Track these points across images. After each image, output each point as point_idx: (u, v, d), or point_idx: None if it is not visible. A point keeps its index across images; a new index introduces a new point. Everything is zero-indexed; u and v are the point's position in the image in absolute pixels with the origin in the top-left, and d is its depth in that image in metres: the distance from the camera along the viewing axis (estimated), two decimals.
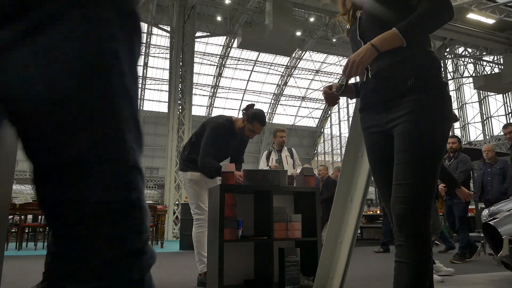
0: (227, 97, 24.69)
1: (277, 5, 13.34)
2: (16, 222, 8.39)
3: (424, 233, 1.27)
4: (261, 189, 2.81)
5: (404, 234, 1.28)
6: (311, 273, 2.80)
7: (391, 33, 1.29)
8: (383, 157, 1.44)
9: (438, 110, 1.32)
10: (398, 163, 1.32)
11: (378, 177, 1.48)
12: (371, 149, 1.51)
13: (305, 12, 15.79)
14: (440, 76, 1.39)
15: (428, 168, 1.29)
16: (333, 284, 2.25)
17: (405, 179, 1.29)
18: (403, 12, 1.35)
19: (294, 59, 22.50)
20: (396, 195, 1.31)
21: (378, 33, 1.36)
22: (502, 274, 3.54)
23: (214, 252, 2.64)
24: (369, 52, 1.31)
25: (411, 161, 1.29)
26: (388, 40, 1.30)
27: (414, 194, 1.27)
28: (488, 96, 20.64)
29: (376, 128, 1.44)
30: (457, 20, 14.84)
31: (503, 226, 2.94)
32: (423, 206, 1.27)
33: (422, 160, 1.29)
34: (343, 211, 2.32)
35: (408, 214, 1.27)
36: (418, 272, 1.27)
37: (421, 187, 1.28)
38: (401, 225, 1.29)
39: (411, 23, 1.29)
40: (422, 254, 1.27)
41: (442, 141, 1.33)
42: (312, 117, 26.76)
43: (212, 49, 21.49)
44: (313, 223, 2.92)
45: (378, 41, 1.31)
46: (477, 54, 18.11)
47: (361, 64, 1.32)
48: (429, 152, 1.29)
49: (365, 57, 1.31)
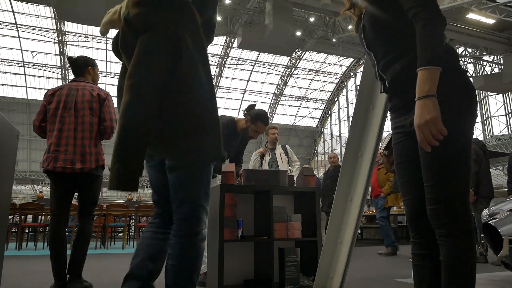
0: (227, 97, 24.68)
1: (277, 5, 13.34)
2: (16, 222, 8.39)
3: (460, 229, 1.26)
4: (261, 189, 2.81)
5: (441, 232, 1.29)
6: (311, 273, 2.80)
7: (429, 73, 1.22)
8: (407, 157, 1.45)
9: (453, 105, 1.29)
10: (423, 164, 1.33)
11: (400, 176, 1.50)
12: (397, 148, 1.52)
13: (305, 12, 15.79)
14: (455, 66, 1.36)
15: (451, 165, 1.28)
16: (333, 284, 2.25)
17: (430, 180, 1.30)
18: (403, 21, 1.36)
19: (294, 59, 22.50)
20: (427, 197, 1.32)
21: (383, 45, 1.43)
22: (502, 274, 3.54)
23: (214, 252, 2.64)
24: (428, 104, 1.22)
25: (433, 162, 1.30)
26: (433, 79, 1.23)
27: (440, 193, 1.28)
28: (488, 96, 20.64)
29: (403, 129, 1.46)
30: (457, 20, 14.84)
31: (503, 226, 2.94)
32: (452, 203, 1.27)
33: (442, 159, 1.28)
34: (343, 211, 2.33)
35: (439, 213, 1.28)
36: (455, 268, 1.26)
37: (448, 186, 1.28)
38: (435, 225, 1.30)
39: (426, 50, 1.25)
40: (459, 250, 1.26)
41: (462, 136, 1.30)
42: (312, 117, 26.76)
43: (212, 49, 21.49)
44: (313, 223, 2.92)
45: (424, 88, 1.22)
46: (477, 54, 18.12)
47: (436, 120, 1.21)
48: (448, 152, 1.27)
49: (431, 111, 1.21)
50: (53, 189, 2.67)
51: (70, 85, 2.79)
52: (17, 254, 5.96)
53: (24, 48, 20.51)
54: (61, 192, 2.66)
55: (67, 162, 2.57)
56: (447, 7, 13.10)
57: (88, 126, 2.67)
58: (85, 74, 2.86)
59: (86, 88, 2.76)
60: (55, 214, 2.62)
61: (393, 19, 1.41)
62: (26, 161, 26.32)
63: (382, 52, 1.47)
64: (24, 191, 26.68)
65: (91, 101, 2.72)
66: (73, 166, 2.57)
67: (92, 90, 2.77)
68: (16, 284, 3.03)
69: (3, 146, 1.53)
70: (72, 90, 2.73)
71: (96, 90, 2.78)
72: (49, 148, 2.63)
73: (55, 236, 2.58)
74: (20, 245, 7.01)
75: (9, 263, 4.49)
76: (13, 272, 3.73)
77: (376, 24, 1.47)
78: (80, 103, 2.69)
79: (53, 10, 15.64)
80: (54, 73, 21.87)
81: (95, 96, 2.75)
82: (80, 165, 2.59)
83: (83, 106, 2.69)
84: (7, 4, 17.99)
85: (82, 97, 2.71)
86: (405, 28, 1.36)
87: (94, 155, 2.66)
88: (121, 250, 6.74)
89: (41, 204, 7.26)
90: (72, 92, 2.72)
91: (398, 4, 1.36)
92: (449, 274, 1.27)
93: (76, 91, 2.73)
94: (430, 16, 1.26)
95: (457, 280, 1.25)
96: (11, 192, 1.67)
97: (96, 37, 20.27)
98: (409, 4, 1.31)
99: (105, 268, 4.08)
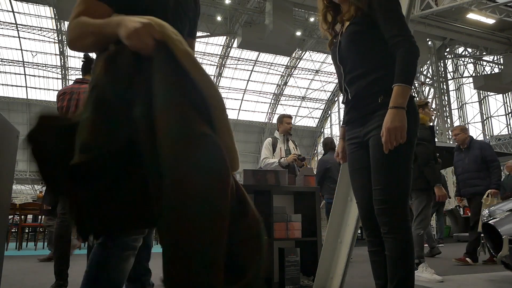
0: (227, 97, 24.67)
1: (277, 5, 13.33)
2: (16, 222, 8.38)
3: (399, 226, 1.49)
4: (261, 189, 2.81)
5: (385, 230, 1.51)
6: (311, 273, 2.80)
7: (403, 89, 1.47)
8: (359, 165, 1.68)
9: None
10: (373, 171, 1.56)
11: (354, 182, 1.73)
12: (350, 157, 1.74)
13: (305, 12, 15.78)
14: None
15: (397, 174, 1.51)
16: (333, 284, 2.26)
17: (379, 184, 1.53)
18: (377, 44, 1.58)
19: (294, 59, 22.50)
20: (374, 198, 1.55)
21: (353, 61, 1.64)
22: (502, 274, 3.54)
23: None
24: (400, 113, 1.45)
25: (382, 169, 1.53)
26: (406, 95, 1.47)
27: (386, 196, 1.51)
28: (488, 96, 20.63)
29: (356, 139, 1.68)
30: (457, 20, 14.84)
31: (503, 226, 2.94)
32: (395, 204, 1.50)
33: (390, 168, 1.51)
34: (343, 211, 2.33)
35: (384, 213, 1.51)
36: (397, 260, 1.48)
37: (392, 190, 1.50)
38: (380, 223, 1.53)
39: (405, 71, 1.48)
40: (399, 245, 1.48)
41: (409, 151, 1.53)
42: (312, 117, 26.76)
43: (212, 49, 21.49)
44: (313, 223, 2.92)
45: (399, 100, 1.46)
46: (477, 54, 18.11)
47: (403, 128, 1.45)
48: (396, 160, 1.50)
49: (401, 120, 1.45)
50: None
51: (73, 87, 2.79)
52: (17, 254, 5.96)
53: (24, 48, 20.50)
54: None
55: None
56: (447, 7, 13.10)
57: None
58: None
59: None
60: (63, 214, 2.64)
61: (369, 41, 1.61)
62: (26, 161, 26.31)
63: (350, 66, 1.66)
64: (24, 191, 26.67)
65: None
66: None
67: None
68: (16, 284, 3.03)
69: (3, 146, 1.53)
70: (74, 94, 2.73)
71: None
72: None
73: (62, 236, 2.61)
74: (20, 245, 7.01)
75: (9, 263, 4.49)
76: (13, 272, 3.73)
77: (353, 41, 1.65)
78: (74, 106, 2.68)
79: (53, 10, 15.64)
80: (54, 73, 21.87)
81: None
82: None
83: None
84: (7, 4, 17.99)
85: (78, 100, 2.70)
86: (377, 50, 1.58)
87: None
88: None
89: (41, 204, 7.26)
90: (73, 96, 2.72)
91: (377, 30, 1.56)
92: (393, 266, 1.49)
93: (78, 94, 2.72)
94: (411, 46, 1.50)
95: (400, 271, 1.46)
96: (11, 192, 1.67)
97: None
98: (393, 32, 1.53)
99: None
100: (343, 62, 1.70)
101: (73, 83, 2.87)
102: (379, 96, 1.55)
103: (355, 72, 1.64)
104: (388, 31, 1.54)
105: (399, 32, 1.52)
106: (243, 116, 26.61)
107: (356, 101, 1.64)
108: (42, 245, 7.44)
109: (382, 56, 1.57)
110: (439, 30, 15.32)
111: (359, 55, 1.63)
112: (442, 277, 3.17)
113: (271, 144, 4.15)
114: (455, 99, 21.15)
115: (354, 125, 1.69)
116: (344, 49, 1.68)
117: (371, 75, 1.58)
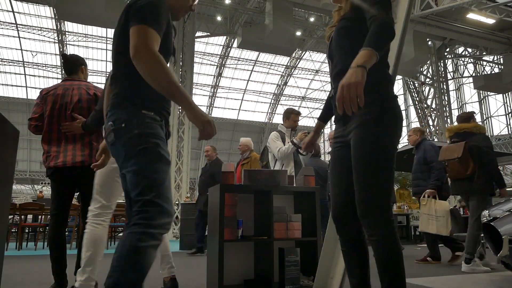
0: (227, 97, 24.67)
1: (277, 5, 13.33)
2: (16, 222, 8.38)
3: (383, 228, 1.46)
4: (261, 189, 2.80)
5: (369, 232, 1.49)
6: (311, 273, 2.80)
7: (368, 52, 1.37)
8: (340, 165, 1.68)
9: (382, 122, 1.50)
10: (354, 171, 1.54)
11: (332, 180, 1.73)
12: (333, 156, 1.73)
13: (305, 12, 15.78)
14: (387, 91, 1.56)
15: (376, 175, 1.48)
16: (333, 284, 2.25)
17: (358, 186, 1.51)
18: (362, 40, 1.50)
19: (294, 59, 22.50)
20: (356, 199, 1.52)
21: (340, 55, 1.63)
22: (502, 274, 3.55)
23: (214, 252, 2.63)
24: (358, 71, 1.34)
25: (360, 169, 1.51)
26: (370, 57, 1.37)
27: (367, 197, 1.49)
28: (488, 96, 20.63)
29: (341, 138, 1.68)
30: (457, 20, 14.84)
31: (503, 226, 2.94)
32: (377, 206, 1.47)
33: (370, 168, 1.49)
34: None
35: (367, 215, 1.49)
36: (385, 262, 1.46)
37: (373, 191, 1.48)
38: (363, 224, 1.52)
39: (375, 39, 1.41)
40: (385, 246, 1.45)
41: (389, 150, 1.50)
42: (312, 117, 26.75)
43: (212, 49, 21.49)
44: (313, 223, 2.92)
45: (360, 61, 1.36)
46: (477, 54, 18.10)
47: (358, 84, 1.32)
48: (375, 160, 1.49)
49: (358, 77, 1.33)
50: (54, 189, 2.64)
51: (64, 84, 2.73)
52: (17, 254, 5.96)
53: (24, 48, 20.50)
54: (61, 192, 2.64)
55: (67, 158, 2.55)
56: (447, 7, 13.09)
57: None
58: (78, 73, 2.81)
59: (81, 87, 2.71)
60: (54, 215, 2.60)
61: (355, 36, 1.57)
62: (26, 161, 26.30)
63: (336, 61, 1.65)
64: (24, 191, 26.67)
65: (88, 100, 2.68)
66: (74, 160, 2.55)
67: (88, 89, 2.72)
68: (16, 284, 3.03)
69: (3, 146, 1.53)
70: (68, 90, 2.68)
71: (92, 89, 2.73)
72: (49, 149, 2.61)
73: (54, 237, 2.57)
74: (20, 245, 7.01)
75: (9, 263, 4.49)
76: (13, 272, 3.73)
77: (340, 36, 1.65)
78: (76, 102, 2.65)
79: (53, 10, 15.62)
80: (54, 73, 21.86)
81: (92, 95, 2.71)
82: (80, 158, 2.56)
83: (80, 106, 2.65)
84: (7, 4, 17.98)
85: (79, 96, 2.67)
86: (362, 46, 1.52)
87: (95, 150, 2.60)
88: None
89: (41, 204, 7.26)
90: (67, 92, 2.67)
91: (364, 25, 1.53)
92: (380, 268, 1.46)
93: (71, 90, 2.68)
94: (387, 22, 1.44)
95: (388, 273, 1.44)
96: (11, 192, 1.67)
97: (96, 37, 20.27)
98: (371, 13, 1.49)
99: (105, 268, 4.07)
100: (332, 58, 1.71)
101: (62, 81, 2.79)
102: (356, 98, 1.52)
103: (339, 67, 1.63)
104: (370, 10, 1.51)
105: (378, 11, 1.48)
106: (243, 116, 26.61)
107: None
108: (42, 245, 7.44)
109: None
110: (439, 30, 15.32)
111: (344, 50, 1.62)
112: (442, 276, 3.17)
113: (279, 137, 4.07)
114: (455, 99, 21.16)
115: (339, 124, 1.69)
116: (333, 46, 1.69)
117: None
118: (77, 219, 6.97)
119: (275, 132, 4.17)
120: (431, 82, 18.30)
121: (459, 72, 20.88)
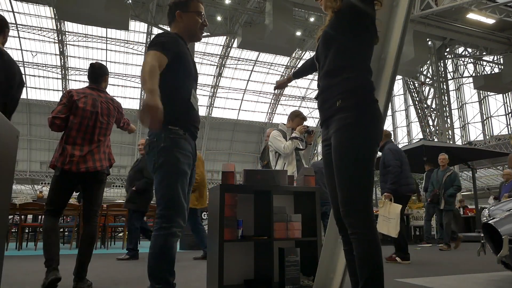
0: (227, 97, 24.68)
1: (277, 5, 13.34)
2: (16, 222, 8.39)
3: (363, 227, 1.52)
4: (261, 189, 2.80)
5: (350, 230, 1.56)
6: (311, 273, 2.80)
7: None
8: (329, 168, 1.71)
9: (361, 127, 1.55)
10: (335, 174, 1.61)
11: (328, 183, 1.78)
12: (324, 159, 1.79)
13: (305, 12, 15.79)
14: (367, 96, 1.60)
15: (354, 177, 1.54)
16: (333, 284, 2.25)
17: (339, 187, 1.58)
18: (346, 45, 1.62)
19: (294, 59, 22.50)
20: (339, 200, 1.60)
21: (324, 59, 1.69)
22: (502, 274, 3.55)
23: (214, 252, 2.64)
24: None
25: (339, 173, 1.57)
26: None
27: (347, 198, 1.55)
28: (488, 96, 20.64)
29: (326, 142, 1.73)
30: (457, 20, 14.85)
31: (503, 226, 2.94)
32: (357, 206, 1.54)
33: (348, 171, 1.55)
34: None
35: (348, 214, 1.55)
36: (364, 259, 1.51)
37: (352, 192, 1.54)
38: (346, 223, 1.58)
39: None
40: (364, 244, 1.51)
41: (366, 154, 1.55)
42: (312, 117, 26.76)
43: (212, 49, 21.50)
44: (313, 223, 2.92)
45: None
46: (477, 54, 18.11)
47: None
48: (352, 164, 1.54)
49: None
50: (57, 187, 2.72)
51: (92, 93, 2.88)
52: (17, 254, 5.96)
53: (24, 48, 20.51)
54: (64, 190, 2.73)
55: (89, 163, 2.69)
56: (447, 7, 13.10)
57: (104, 131, 2.85)
58: (102, 82, 3.00)
59: (108, 102, 2.93)
60: (52, 210, 2.70)
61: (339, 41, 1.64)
62: (26, 161, 26.31)
63: (321, 64, 1.71)
64: (24, 191, 26.68)
65: (114, 115, 2.95)
66: (95, 165, 2.72)
67: (112, 102, 2.96)
68: (16, 284, 3.03)
69: (3, 146, 1.53)
70: (96, 101, 2.86)
71: (111, 103, 2.96)
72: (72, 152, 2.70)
73: (50, 226, 2.67)
74: (20, 245, 7.01)
75: (9, 263, 4.49)
76: (13, 272, 3.73)
77: (324, 40, 1.71)
78: (105, 115, 2.87)
79: (53, 10, 15.63)
80: (54, 73, 21.87)
81: (115, 108, 2.97)
82: (99, 165, 2.74)
83: (108, 120, 2.89)
84: (7, 4, 17.99)
85: (107, 110, 2.89)
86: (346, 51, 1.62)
87: (106, 154, 2.82)
88: (121, 250, 6.73)
89: (41, 204, 7.26)
90: (96, 104, 2.85)
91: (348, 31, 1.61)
92: (359, 265, 1.52)
93: (99, 102, 2.87)
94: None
95: (365, 270, 1.49)
96: (11, 192, 1.67)
97: (96, 37, 20.27)
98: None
99: (105, 268, 4.07)
100: (318, 60, 1.78)
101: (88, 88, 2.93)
102: (337, 100, 1.59)
103: (322, 70, 1.70)
104: None
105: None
106: (243, 116, 26.62)
107: (320, 102, 1.72)
108: None
109: (350, 57, 1.61)
110: (439, 30, 15.33)
111: (328, 53, 1.68)
112: (442, 276, 3.17)
113: (281, 135, 4.04)
114: (455, 99, 21.17)
115: (323, 127, 1.74)
116: (319, 47, 1.76)
117: (336, 75, 1.63)
118: (77, 219, 6.97)
119: (276, 130, 4.14)
120: (431, 82, 18.31)
121: (459, 72, 20.89)
